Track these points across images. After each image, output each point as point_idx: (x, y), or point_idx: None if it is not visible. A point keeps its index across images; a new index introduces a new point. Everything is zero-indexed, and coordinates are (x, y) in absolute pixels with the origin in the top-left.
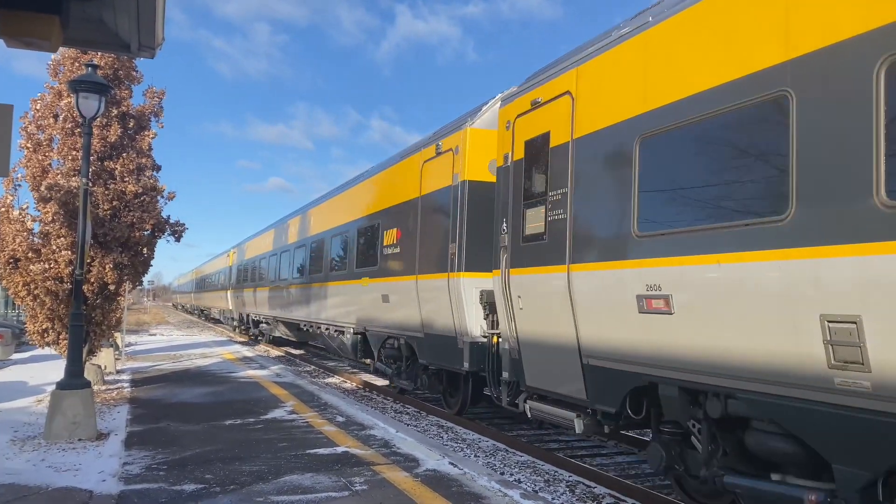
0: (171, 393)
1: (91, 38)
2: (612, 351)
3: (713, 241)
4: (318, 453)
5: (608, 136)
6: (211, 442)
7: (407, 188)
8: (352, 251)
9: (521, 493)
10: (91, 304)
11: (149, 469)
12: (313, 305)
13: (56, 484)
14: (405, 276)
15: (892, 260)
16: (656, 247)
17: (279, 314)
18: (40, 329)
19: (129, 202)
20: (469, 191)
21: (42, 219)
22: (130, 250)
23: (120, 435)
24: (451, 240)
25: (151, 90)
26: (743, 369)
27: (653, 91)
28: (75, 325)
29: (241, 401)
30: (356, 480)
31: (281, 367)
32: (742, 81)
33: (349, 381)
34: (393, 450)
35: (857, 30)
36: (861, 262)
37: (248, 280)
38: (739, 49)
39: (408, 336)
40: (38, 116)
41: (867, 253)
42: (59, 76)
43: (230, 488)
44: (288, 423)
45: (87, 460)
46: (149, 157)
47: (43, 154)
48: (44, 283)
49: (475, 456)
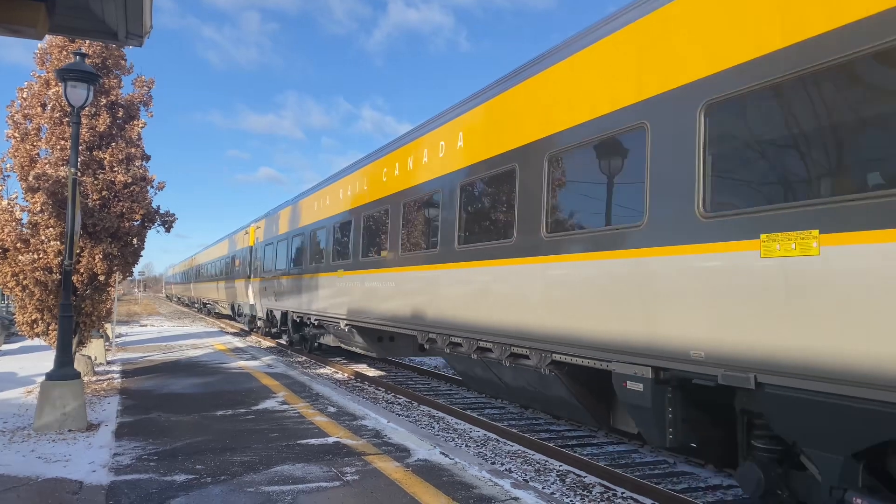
0: (162, 384)
1: (77, 26)
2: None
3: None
4: (309, 443)
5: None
6: (202, 432)
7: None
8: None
9: (511, 483)
10: (81, 295)
11: (139, 460)
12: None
13: (46, 475)
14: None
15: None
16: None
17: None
18: (29, 320)
19: (118, 192)
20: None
21: (30, 209)
22: (120, 241)
23: (110, 426)
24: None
25: (140, 79)
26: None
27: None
28: (65, 315)
29: (233, 391)
30: (347, 470)
31: (272, 357)
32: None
33: (341, 371)
34: (384, 440)
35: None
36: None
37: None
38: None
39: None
40: (26, 105)
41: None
42: (47, 65)
43: (221, 479)
44: (279, 414)
45: (77, 451)
46: (138, 147)
47: (31, 144)
48: (33, 273)
49: (466, 446)
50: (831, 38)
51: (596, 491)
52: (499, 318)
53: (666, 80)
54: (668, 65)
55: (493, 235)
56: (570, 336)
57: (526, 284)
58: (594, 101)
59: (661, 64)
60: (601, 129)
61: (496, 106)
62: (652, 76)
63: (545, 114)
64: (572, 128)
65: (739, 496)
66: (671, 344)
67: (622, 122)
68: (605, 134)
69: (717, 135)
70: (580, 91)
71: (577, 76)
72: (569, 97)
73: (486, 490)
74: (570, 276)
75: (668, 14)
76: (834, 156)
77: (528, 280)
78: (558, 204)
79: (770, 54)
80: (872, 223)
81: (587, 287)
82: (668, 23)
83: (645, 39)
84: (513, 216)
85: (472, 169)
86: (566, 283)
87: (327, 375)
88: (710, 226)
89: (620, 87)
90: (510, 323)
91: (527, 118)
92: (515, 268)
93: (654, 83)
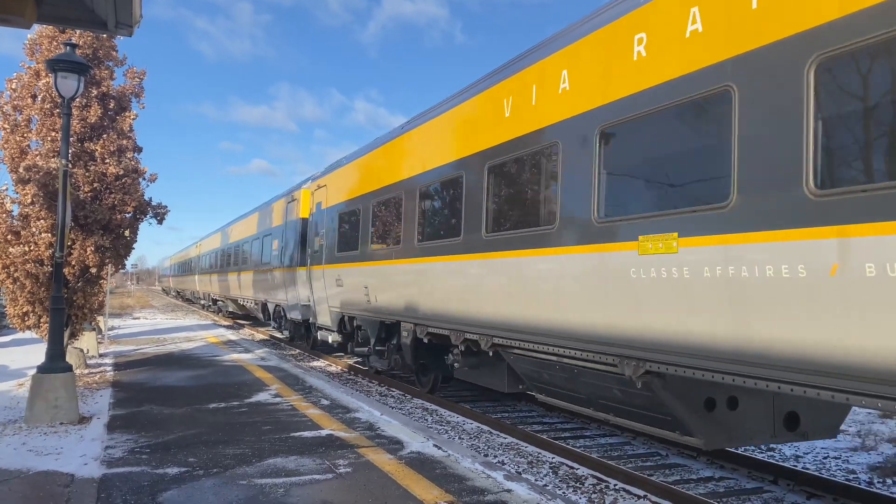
0: (155, 376)
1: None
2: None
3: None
4: (302, 436)
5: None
6: (194, 425)
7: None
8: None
9: (504, 475)
10: (72, 287)
11: (131, 452)
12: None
13: (37, 468)
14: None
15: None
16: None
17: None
18: (21, 312)
19: (110, 184)
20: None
21: (21, 201)
22: (112, 233)
23: (102, 418)
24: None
25: (132, 70)
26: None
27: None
28: (56, 308)
29: (226, 384)
30: (340, 463)
31: (266, 350)
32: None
33: (335, 364)
34: (377, 432)
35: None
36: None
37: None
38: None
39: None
40: (16, 97)
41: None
42: (37, 55)
43: (213, 471)
44: (272, 407)
45: (68, 444)
46: (130, 139)
47: (21, 135)
48: (24, 265)
49: (459, 438)
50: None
51: (588, 483)
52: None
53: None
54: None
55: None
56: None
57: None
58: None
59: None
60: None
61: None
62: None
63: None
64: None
65: (731, 488)
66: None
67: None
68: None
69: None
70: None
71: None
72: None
73: (479, 482)
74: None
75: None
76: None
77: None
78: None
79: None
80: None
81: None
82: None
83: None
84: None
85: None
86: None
87: (321, 368)
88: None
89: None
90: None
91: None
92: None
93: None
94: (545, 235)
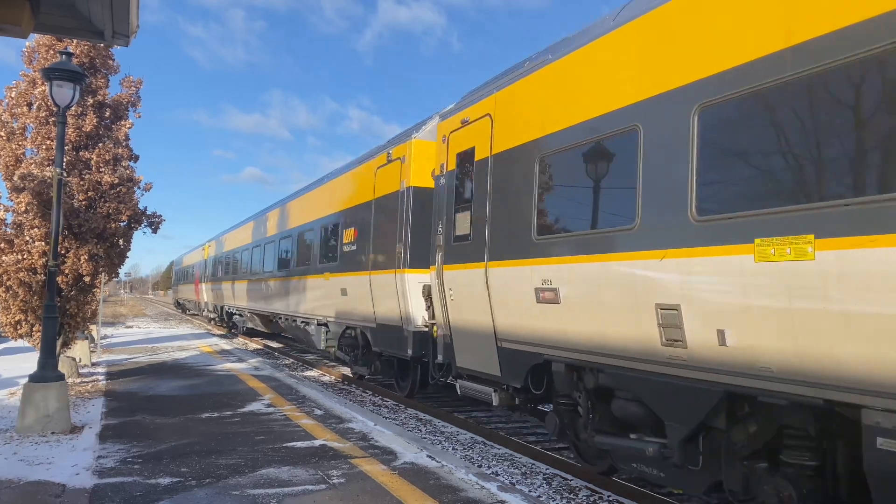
0: (148, 386)
1: (63, 25)
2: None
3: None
4: (295, 446)
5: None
6: (187, 435)
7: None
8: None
9: (498, 486)
10: (66, 296)
11: (123, 462)
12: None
13: (28, 478)
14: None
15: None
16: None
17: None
18: (13, 321)
19: (105, 193)
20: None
21: (15, 209)
22: (106, 241)
23: (94, 428)
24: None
25: (128, 79)
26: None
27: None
28: (49, 316)
29: (219, 394)
30: (333, 473)
31: (259, 360)
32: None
33: (328, 374)
34: (371, 443)
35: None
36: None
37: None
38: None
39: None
40: (12, 104)
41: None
42: (34, 64)
43: (206, 482)
44: (265, 417)
45: (60, 454)
46: (125, 148)
47: (16, 143)
48: (17, 274)
49: (453, 449)
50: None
51: (582, 494)
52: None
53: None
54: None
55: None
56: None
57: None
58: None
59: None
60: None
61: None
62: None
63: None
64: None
65: (725, 500)
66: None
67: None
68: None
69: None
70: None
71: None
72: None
73: (472, 493)
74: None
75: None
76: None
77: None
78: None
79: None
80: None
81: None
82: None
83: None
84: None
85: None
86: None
87: (314, 378)
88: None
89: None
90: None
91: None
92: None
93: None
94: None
